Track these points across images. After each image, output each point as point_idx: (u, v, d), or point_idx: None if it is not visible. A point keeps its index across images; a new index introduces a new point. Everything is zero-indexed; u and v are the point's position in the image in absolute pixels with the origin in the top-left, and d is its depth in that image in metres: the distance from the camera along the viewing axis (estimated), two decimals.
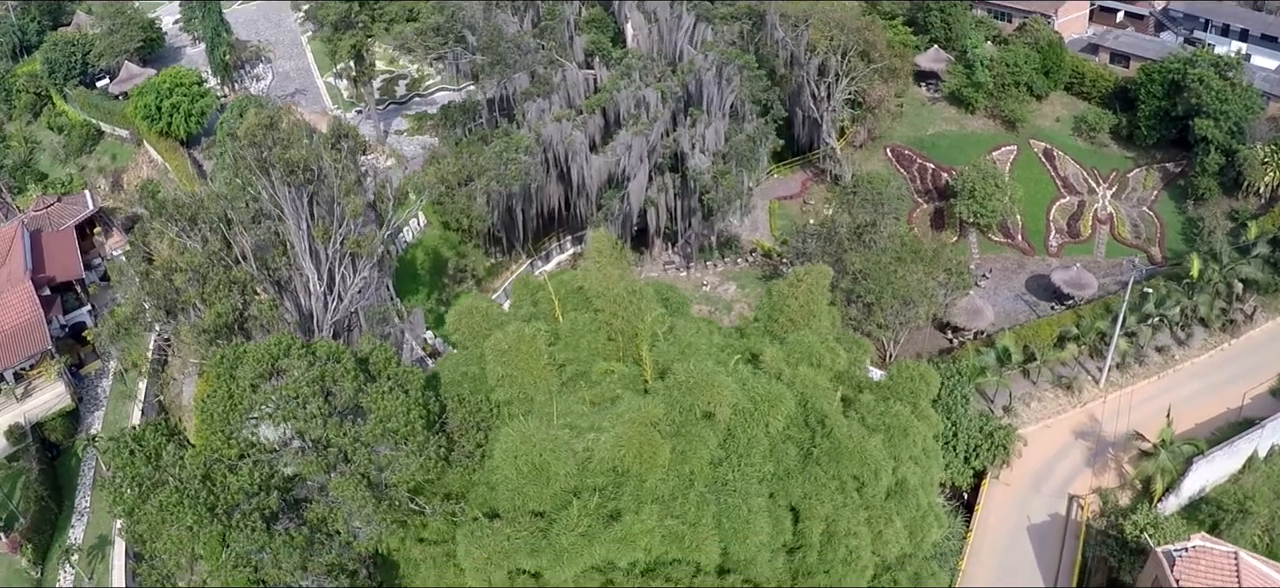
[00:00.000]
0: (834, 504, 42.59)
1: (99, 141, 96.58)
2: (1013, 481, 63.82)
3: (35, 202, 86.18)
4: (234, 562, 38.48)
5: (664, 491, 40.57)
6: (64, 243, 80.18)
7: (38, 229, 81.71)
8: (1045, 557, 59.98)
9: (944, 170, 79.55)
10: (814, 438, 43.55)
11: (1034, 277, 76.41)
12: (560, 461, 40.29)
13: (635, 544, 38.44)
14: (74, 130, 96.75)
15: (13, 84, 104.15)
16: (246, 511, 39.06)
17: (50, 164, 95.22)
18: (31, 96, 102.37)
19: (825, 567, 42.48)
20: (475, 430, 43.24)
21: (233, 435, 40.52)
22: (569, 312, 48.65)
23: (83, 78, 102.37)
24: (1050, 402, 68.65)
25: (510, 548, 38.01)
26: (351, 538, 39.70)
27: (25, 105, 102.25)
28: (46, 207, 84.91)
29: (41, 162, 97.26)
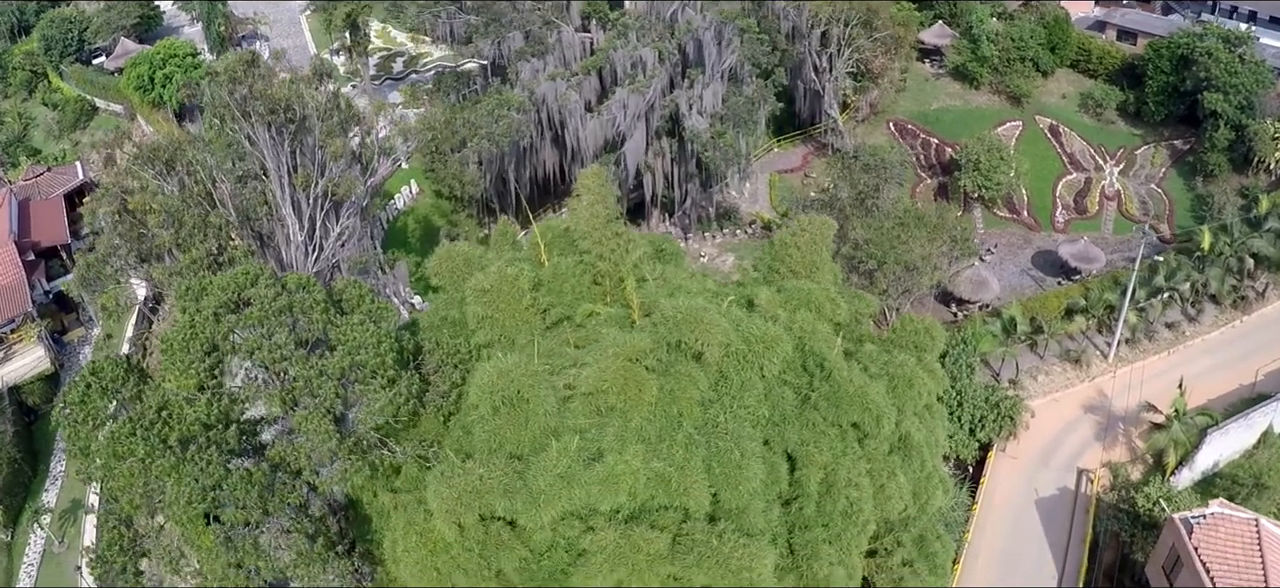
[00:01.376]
0: (833, 453, 39.17)
1: (93, 117, 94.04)
2: (1020, 454, 60.39)
3: (25, 171, 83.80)
4: (188, 497, 35.16)
5: (650, 431, 37.19)
6: (52, 210, 77.63)
7: (26, 198, 79.33)
8: (1054, 531, 56.48)
9: (948, 145, 76.39)
10: (812, 383, 40.14)
11: (1040, 252, 73.10)
12: (539, 397, 36.99)
13: (618, 487, 35.02)
14: (68, 106, 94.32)
15: (9, 62, 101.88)
16: (202, 444, 35.79)
17: (44, 140, 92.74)
18: (27, 74, 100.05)
19: (823, 520, 39.04)
20: (452, 370, 39.93)
21: (192, 366, 37.24)
22: (554, 256, 45.39)
23: (79, 55, 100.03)
24: (1058, 376, 65.24)
25: (482, 489, 34.59)
26: (314, 476, 36.32)
27: (21, 82, 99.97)
28: (36, 176, 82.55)
29: (36, 138, 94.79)
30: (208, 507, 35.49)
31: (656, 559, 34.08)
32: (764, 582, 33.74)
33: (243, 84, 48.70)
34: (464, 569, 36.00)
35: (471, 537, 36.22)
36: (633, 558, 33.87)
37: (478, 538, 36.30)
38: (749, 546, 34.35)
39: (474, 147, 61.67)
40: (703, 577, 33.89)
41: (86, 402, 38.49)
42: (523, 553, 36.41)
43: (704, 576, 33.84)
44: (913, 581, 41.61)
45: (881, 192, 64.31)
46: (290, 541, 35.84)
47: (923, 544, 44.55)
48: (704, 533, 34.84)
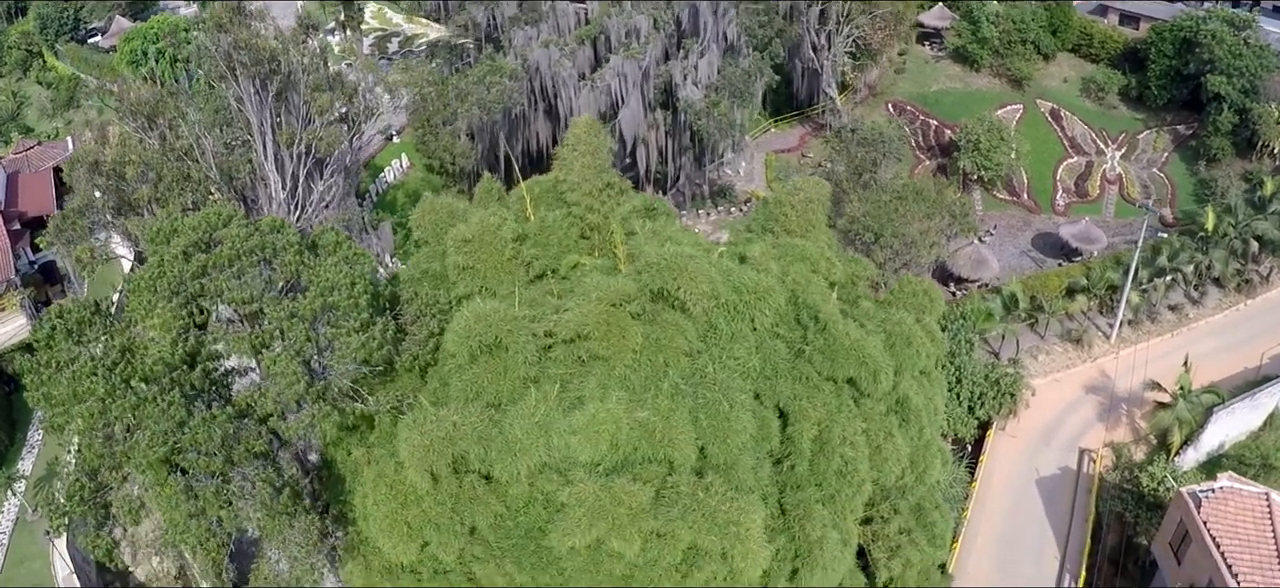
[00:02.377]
0: (827, 409, 36.68)
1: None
2: (1020, 433, 57.92)
3: (16, 144, 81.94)
4: (149, 440, 32.72)
5: (634, 381, 34.75)
6: (40, 183, 75.56)
7: (16, 171, 77.44)
8: (1055, 510, 53.98)
9: (947, 127, 74.12)
10: (806, 336, 37.68)
11: (1040, 234, 70.77)
12: (518, 344, 34.57)
13: (599, 436, 32.54)
14: (62, 85, 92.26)
15: (5, 42, 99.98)
16: (165, 385, 33.37)
17: (37, 119, 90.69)
18: (22, 53, 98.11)
19: (817, 479, 36.51)
20: (430, 319, 37.52)
21: (158, 306, 34.83)
22: (541, 210, 42.98)
23: (74, 33, 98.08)
24: (1059, 356, 62.82)
25: (456, 435, 32.13)
26: (281, 423, 33.85)
27: (16, 61, 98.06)
28: (26, 149, 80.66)
29: (29, 116, 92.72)
30: (169, 451, 33.03)
31: (639, 514, 31.53)
32: (753, 539, 31.17)
33: (229, 33, 46.40)
34: (436, 524, 33.51)
35: (445, 491, 33.75)
36: (613, 512, 31.33)
37: (451, 492, 33.83)
38: (738, 500, 31.84)
39: (464, 113, 59.35)
40: (688, 533, 31.35)
41: (51, 344, 36.12)
42: (498, 508, 33.92)
43: (689, 531, 31.30)
44: (911, 550, 39.03)
45: (880, 166, 61.95)
46: (254, 491, 33.35)
47: (921, 514, 42.02)
48: (690, 486, 32.31)
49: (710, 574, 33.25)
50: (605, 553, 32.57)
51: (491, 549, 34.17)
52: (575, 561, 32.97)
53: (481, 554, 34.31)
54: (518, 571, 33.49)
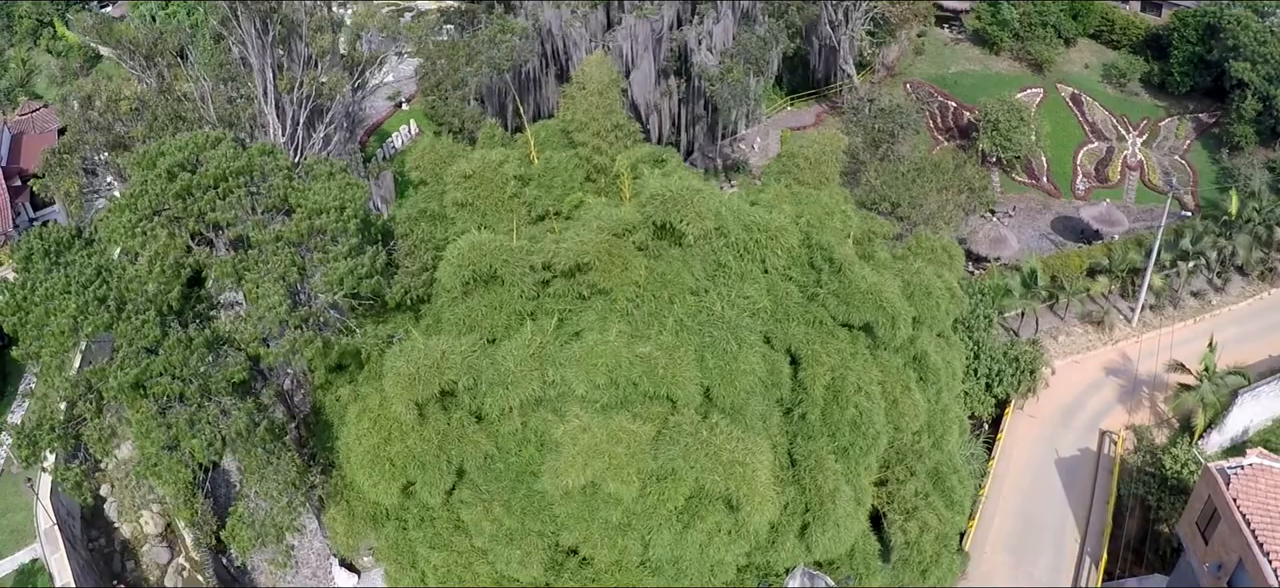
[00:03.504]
0: (841, 355, 33.76)
1: (97, 64, 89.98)
2: (1039, 413, 54.68)
3: (21, 106, 79.99)
4: (120, 361, 30.10)
5: (637, 316, 31.97)
6: (44, 143, 72.89)
7: (21, 132, 75.47)
8: (1075, 491, 50.74)
9: (965, 109, 71.29)
10: (819, 278, 34.81)
11: (1060, 218, 67.69)
12: (515, 276, 31.87)
13: (597, 367, 29.78)
14: (72, 53, 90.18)
15: (15, 11, 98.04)
16: (140, 304, 30.78)
17: (46, 87, 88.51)
18: (33, 23, 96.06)
19: (829, 430, 33.62)
20: (425, 252, 34.87)
21: (138, 225, 32.30)
22: (547, 153, 40.31)
23: (87, 3, 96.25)
24: (1079, 338, 59.59)
25: (443, 364, 29.36)
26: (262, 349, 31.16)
27: (26, 30, 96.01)
28: (31, 111, 78.64)
29: (38, 84, 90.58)
30: (141, 375, 30.38)
31: (638, 452, 28.71)
32: (760, 481, 28.27)
33: None
34: (421, 462, 30.76)
35: (432, 427, 31.05)
36: (610, 450, 28.53)
37: (438, 429, 31.13)
38: (744, 439, 28.98)
39: (474, 74, 56.84)
40: (691, 472, 28.49)
41: (29, 267, 33.65)
42: (488, 448, 31.15)
43: (692, 471, 28.44)
44: (928, 514, 36.04)
45: (898, 138, 59.09)
46: (230, 421, 30.65)
47: (939, 479, 39.05)
48: (693, 425, 29.46)
49: (713, 525, 30.35)
50: (601, 499, 29.76)
51: (480, 493, 31.37)
52: (569, 506, 30.16)
53: (469, 498, 31.49)
54: (507, 515, 30.66)
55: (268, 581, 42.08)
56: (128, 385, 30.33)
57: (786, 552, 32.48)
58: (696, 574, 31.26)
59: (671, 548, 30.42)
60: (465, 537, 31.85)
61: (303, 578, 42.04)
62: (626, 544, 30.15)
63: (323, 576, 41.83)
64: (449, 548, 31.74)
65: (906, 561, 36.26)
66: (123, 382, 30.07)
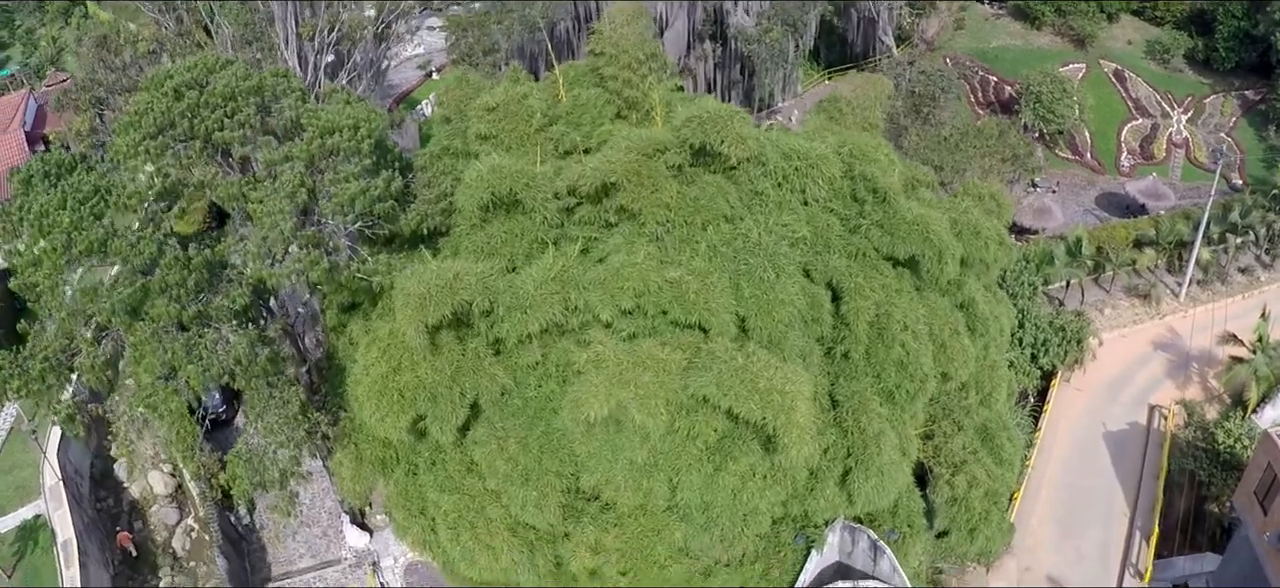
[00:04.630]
0: (886, 291, 30.43)
1: None
2: (1086, 386, 50.88)
3: (49, 76, 78.76)
4: (115, 280, 27.47)
5: (668, 241, 28.81)
6: None
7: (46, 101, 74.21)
8: (1124, 465, 46.91)
9: (1007, 84, 67.72)
10: (862, 211, 31.52)
11: (1105, 193, 63.86)
12: (537, 200, 28.94)
13: (623, 290, 26.74)
14: None
15: None
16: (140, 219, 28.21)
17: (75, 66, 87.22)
18: (65, 4, 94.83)
19: (874, 369, 30.30)
20: (444, 178, 32.04)
21: (141, 144, 29.72)
22: (575, 90, 37.36)
23: None
24: (1126, 311, 55.70)
25: (456, 284, 26.35)
26: (267, 270, 28.36)
27: (58, 11, 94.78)
28: (59, 83, 77.24)
29: (67, 62, 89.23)
30: (136, 296, 27.76)
31: (667, 380, 25.56)
32: (800, 413, 25.02)
33: None
34: (432, 394, 27.75)
35: (445, 358, 28.02)
36: (636, 377, 25.42)
37: (452, 360, 28.10)
38: (782, 368, 25.73)
39: (505, 32, 54.07)
40: (724, 399, 25.26)
41: (29, 189, 31.25)
42: (505, 381, 28.12)
43: (725, 399, 25.20)
44: (976, 468, 32.58)
45: (939, 102, 55.69)
46: (230, 347, 27.90)
47: (987, 436, 35.50)
48: (727, 351, 26.24)
49: (747, 468, 27.11)
50: (625, 436, 26.64)
51: (495, 430, 28.32)
52: (590, 443, 27.04)
53: (483, 436, 28.46)
54: (523, 453, 27.60)
55: (275, 540, 39.28)
56: (122, 308, 27.71)
57: (826, 501, 29.17)
58: (728, 523, 28.08)
59: (701, 492, 27.26)
60: (478, 479, 28.85)
61: (313, 537, 39.20)
62: (652, 487, 27.02)
63: (333, 535, 38.99)
64: (460, 491, 28.72)
65: (954, 519, 32.75)
66: (117, 302, 27.47)
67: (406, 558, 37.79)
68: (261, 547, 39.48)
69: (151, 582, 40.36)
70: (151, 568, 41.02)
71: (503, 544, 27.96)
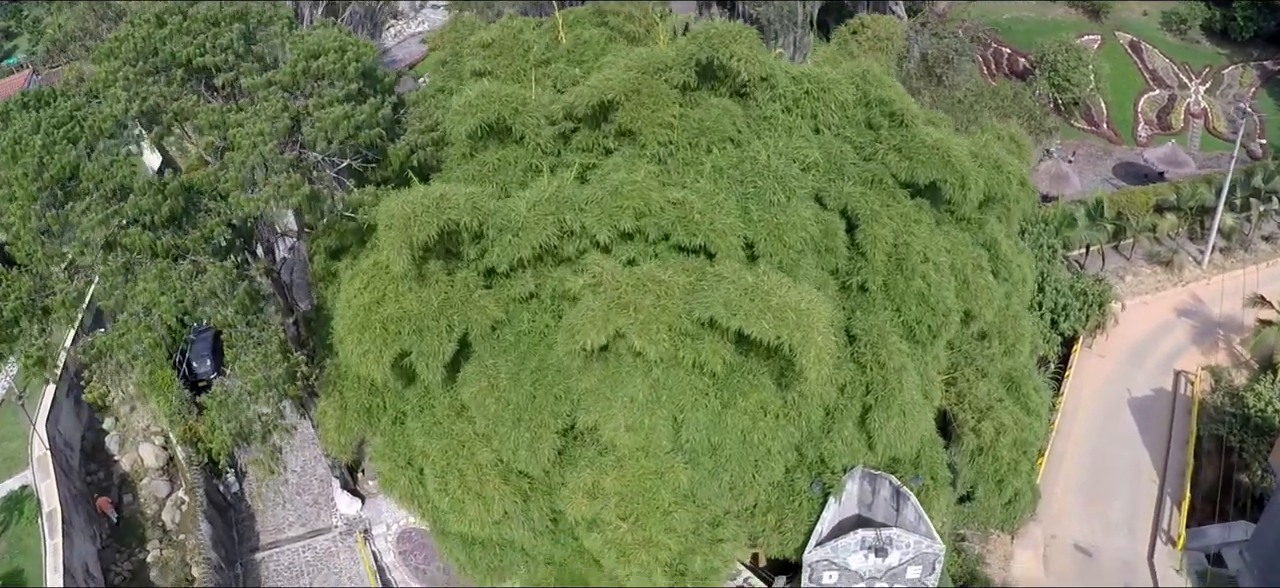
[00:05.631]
0: (905, 220, 27.81)
1: None
2: (1109, 352, 48.16)
3: None
4: (87, 206, 25.15)
5: (670, 164, 26.29)
6: None
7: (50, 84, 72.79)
8: (1151, 431, 44.16)
9: (1020, 55, 65.10)
10: (878, 137, 28.92)
11: (1122, 163, 61.09)
12: (530, 126, 26.54)
13: (622, 210, 24.21)
14: None
15: None
16: (113, 145, 25.97)
17: None
18: None
19: (893, 302, 27.62)
20: (434, 109, 29.68)
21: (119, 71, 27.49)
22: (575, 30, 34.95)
23: None
24: (1147, 278, 52.94)
25: (443, 204, 23.85)
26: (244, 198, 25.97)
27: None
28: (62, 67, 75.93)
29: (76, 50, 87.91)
30: (108, 222, 25.42)
31: (669, 303, 23.01)
32: (818, 330, 22.41)
33: None
34: (417, 327, 25.23)
35: (433, 289, 25.52)
36: (636, 300, 22.87)
37: (440, 291, 25.57)
38: (796, 287, 23.12)
39: None
40: (734, 321, 22.64)
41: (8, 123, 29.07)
42: (496, 314, 25.56)
43: (735, 319, 22.58)
44: (1003, 414, 29.84)
45: (953, 65, 53.13)
46: (205, 279, 25.50)
47: (1013, 385, 32.76)
48: (735, 271, 23.66)
49: (758, 405, 24.49)
50: (625, 370, 24.07)
51: (485, 367, 25.75)
52: (587, 378, 24.45)
53: (472, 374, 25.91)
54: (514, 390, 25.04)
55: (265, 508, 36.86)
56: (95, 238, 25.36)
57: (843, 443, 26.55)
58: (739, 468, 25.45)
59: (708, 432, 24.65)
60: (468, 423, 26.28)
61: (303, 506, 36.74)
62: (655, 426, 24.37)
63: (324, 503, 36.53)
64: (448, 436, 26.16)
65: (980, 470, 30.01)
66: (87, 229, 25.12)
67: (399, 526, 35.30)
68: (250, 515, 37.10)
69: (139, 554, 38.02)
70: (139, 541, 38.70)
71: (494, 493, 25.38)
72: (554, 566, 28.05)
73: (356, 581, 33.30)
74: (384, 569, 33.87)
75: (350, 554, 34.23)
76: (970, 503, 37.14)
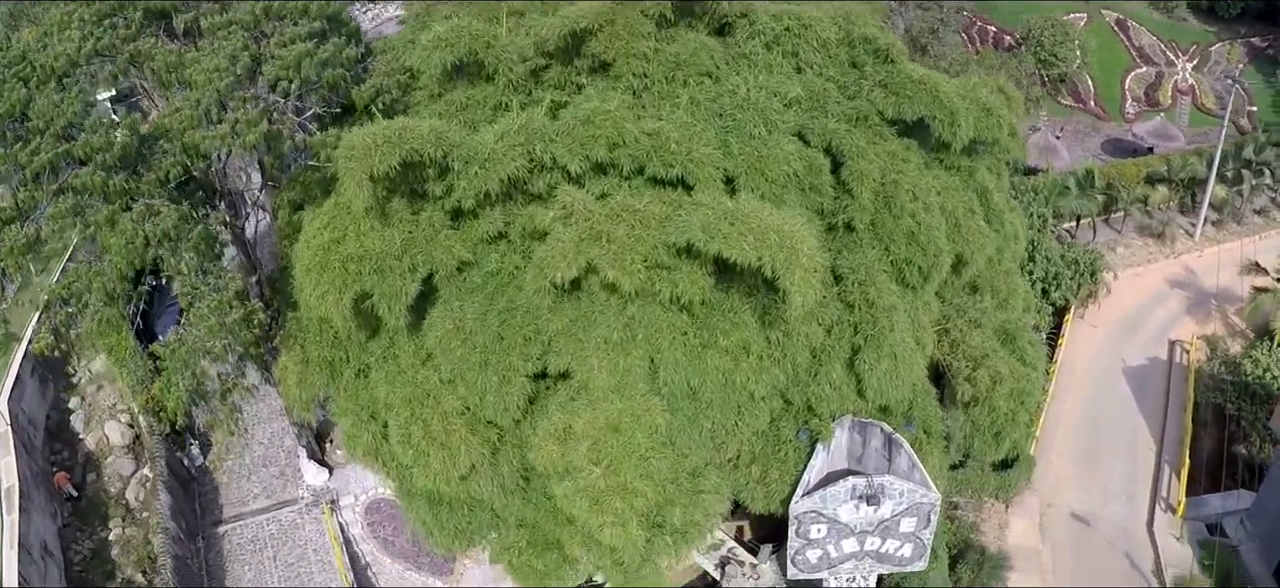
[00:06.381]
0: (891, 157, 26.42)
1: None
2: (1101, 322, 46.97)
3: None
4: (32, 149, 23.58)
5: (646, 98, 24.88)
6: None
7: None
8: (1147, 399, 42.91)
9: (1006, 33, 64.13)
10: (863, 75, 27.55)
11: (1110, 139, 60.13)
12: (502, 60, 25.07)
13: (595, 139, 22.74)
14: None
15: None
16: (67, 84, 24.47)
17: None
18: None
19: (881, 242, 26.16)
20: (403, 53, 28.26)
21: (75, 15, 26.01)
22: None
23: None
24: (1139, 250, 51.87)
25: (407, 135, 22.36)
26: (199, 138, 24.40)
27: None
28: None
29: None
30: (57, 160, 23.85)
31: (644, 233, 21.56)
32: (804, 254, 20.96)
33: None
34: (378, 266, 23.67)
35: (397, 229, 23.98)
36: (609, 230, 21.42)
37: (404, 230, 24.03)
38: (779, 212, 21.70)
39: None
40: (713, 245, 21.16)
41: None
42: (462, 253, 24.04)
43: (714, 243, 21.11)
44: (999, 363, 28.38)
45: (939, 35, 52.03)
46: (157, 221, 23.92)
47: (1008, 337, 31.33)
48: (714, 198, 22.21)
49: (739, 344, 23.01)
50: (599, 308, 22.59)
51: (451, 310, 24.19)
52: (559, 318, 22.95)
53: (437, 317, 24.35)
54: (481, 330, 23.49)
55: (229, 480, 35.13)
56: (45, 179, 23.78)
57: (831, 387, 25.08)
58: (720, 412, 23.97)
59: (687, 374, 23.13)
60: (433, 372, 24.65)
61: (269, 478, 35.02)
62: (630, 366, 22.87)
63: (291, 474, 34.83)
64: (412, 384, 24.53)
65: (976, 422, 28.55)
66: (37, 168, 23.53)
67: (367, 497, 33.64)
68: (214, 488, 35.37)
69: (101, 532, 36.29)
70: (102, 519, 36.96)
71: (460, 444, 23.76)
72: (526, 528, 26.40)
73: (322, 553, 31.61)
74: (351, 541, 32.20)
75: (316, 526, 32.57)
76: (963, 470, 35.79)
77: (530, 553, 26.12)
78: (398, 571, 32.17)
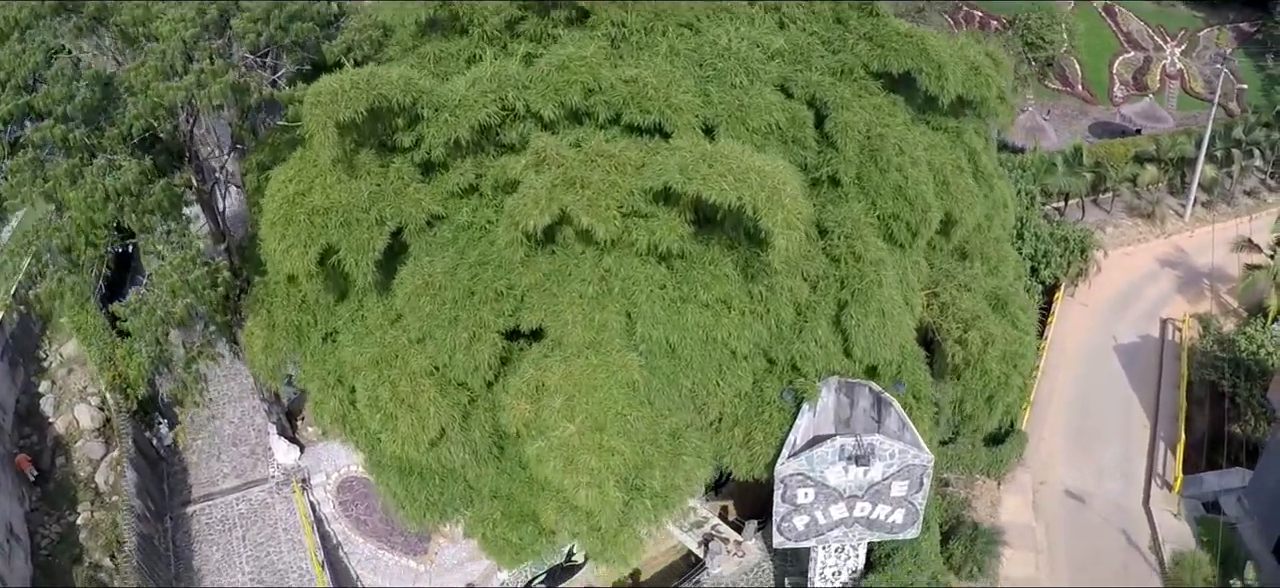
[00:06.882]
0: (877, 111, 25.51)
1: None
2: (1091, 301, 46.19)
3: None
4: None
5: (624, 48, 23.94)
6: None
7: None
8: (1139, 377, 42.14)
9: (992, 18, 63.58)
10: (847, 29, 26.67)
11: (1099, 122, 59.59)
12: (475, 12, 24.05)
13: (570, 85, 21.80)
14: None
15: None
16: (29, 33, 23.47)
17: None
18: None
19: (868, 196, 25.24)
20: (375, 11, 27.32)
21: None
22: None
23: None
24: (1129, 229, 51.21)
25: (374, 81, 21.36)
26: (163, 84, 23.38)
27: None
28: None
29: None
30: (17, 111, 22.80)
31: (619, 179, 20.60)
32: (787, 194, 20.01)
33: None
34: (345, 219, 22.63)
35: (365, 181, 22.95)
36: (584, 175, 20.41)
37: (372, 183, 23.00)
38: (759, 154, 20.77)
39: None
40: (691, 186, 20.19)
41: None
42: (432, 206, 23.02)
43: (692, 184, 20.14)
44: (991, 326, 27.45)
45: (926, 18, 51.35)
46: (118, 175, 22.86)
47: (999, 302, 30.35)
48: (693, 141, 21.24)
49: (721, 297, 22.05)
50: (574, 260, 21.63)
51: (420, 266, 23.16)
52: (532, 272, 21.95)
53: (407, 274, 23.29)
54: (451, 284, 22.47)
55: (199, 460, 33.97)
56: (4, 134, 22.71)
57: (817, 344, 24.08)
58: (700, 371, 22.95)
59: (665, 329, 22.13)
60: (402, 331, 23.56)
61: (240, 457, 33.86)
62: (606, 321, 21.85)
63: (262, 453, 33.68)
64: (380, 344, 23.42)
65: (967, 386, 27.60)
66: None
67: (339, 475, 32.52)
68: (183, 468, 34.21)
69: (69, 516, 35.11)
70: (71, 503, 35.79)
71: (429, 405, 22.59)
72: (500, 499, 25.31)
73: (292, 532, 30.47)
74: (322, 519, 31.06)
75: (287, 505, 31.44)
76: (954, 445, 34.89)
77: (505, 525, 25.04)
78: (370, 550, 31.06)
